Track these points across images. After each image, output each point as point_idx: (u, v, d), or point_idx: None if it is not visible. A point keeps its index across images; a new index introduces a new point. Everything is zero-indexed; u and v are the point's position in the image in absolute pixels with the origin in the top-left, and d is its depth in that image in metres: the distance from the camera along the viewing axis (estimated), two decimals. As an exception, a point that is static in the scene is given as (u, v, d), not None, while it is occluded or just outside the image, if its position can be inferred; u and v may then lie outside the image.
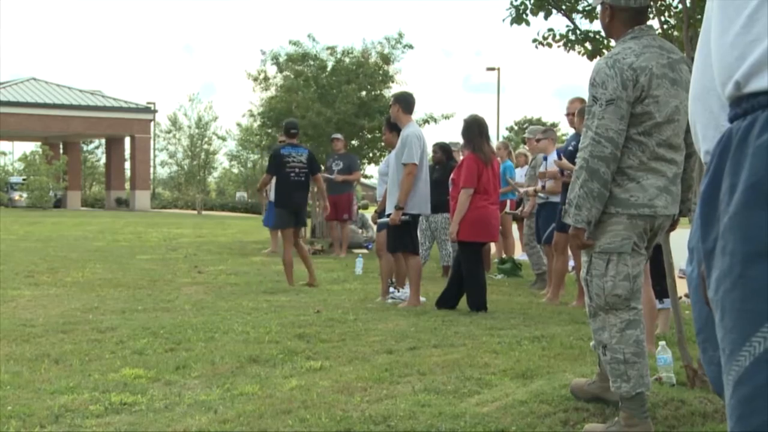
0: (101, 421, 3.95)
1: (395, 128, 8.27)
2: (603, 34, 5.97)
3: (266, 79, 18.17)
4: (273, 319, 6.86)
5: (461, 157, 9.88)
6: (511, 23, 9.68)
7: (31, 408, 4.09)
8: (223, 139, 46.16)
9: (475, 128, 7.79)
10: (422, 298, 8.06)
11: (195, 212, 39.88)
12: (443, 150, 10.80)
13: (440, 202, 9.90)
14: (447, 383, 4.61)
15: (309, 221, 18.04)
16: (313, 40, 17.57)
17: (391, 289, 8.27)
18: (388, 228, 7.95)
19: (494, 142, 9.93)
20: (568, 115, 7.94)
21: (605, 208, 3.65)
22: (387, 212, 8.01)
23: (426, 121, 17.48)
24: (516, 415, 3.94)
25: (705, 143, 1.70)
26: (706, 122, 1.72)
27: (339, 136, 14.34)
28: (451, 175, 8.05)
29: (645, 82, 3.60)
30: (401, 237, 7.89)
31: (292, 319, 6.91)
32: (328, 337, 6.12)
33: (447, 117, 17.81)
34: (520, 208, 10.63)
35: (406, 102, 8.11)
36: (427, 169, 8.04)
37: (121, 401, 4.26)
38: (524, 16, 10.01)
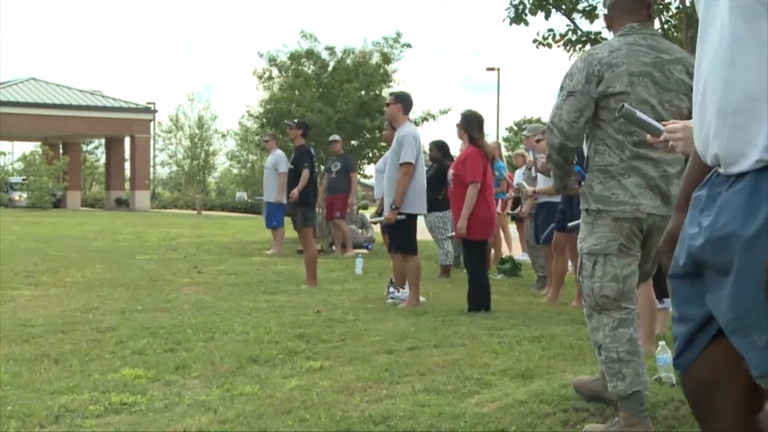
0: (101, 421, 3.95)
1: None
2: (603, 34, 5.98)
3: (270, 78, 18.16)
4: (273, 319, 6.86)
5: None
6: (511, 23, 9.60)
7: (30, 408, 4.09)
8: (224, 136, 46.11)
9: (475, 123, 7.75)
10: (422, 298, 8.05)
11: (195, 212, 39.87)
12: (439, 148, 10.79)
13: (435, 201, 9.90)
14: (447, 383, 4.61)
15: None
16: (315, 39, 17.58)
17: (391, 289, 8.27)
18: (387, 228, 7.95)
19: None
20: None
21: (589, 205, 3.68)
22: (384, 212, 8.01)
23: (425, 119, 17.52)
24: (516, 415, 3.94)
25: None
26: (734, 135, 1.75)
27: (337, 137, 14.35)
28: (451, 170, 7.88)
29: (612, 78, 3.58)
30: (399, 237, 7.88)
31: (292, 319, 6.91)
32: (328, 337, 6.12)
33: (444, 112, 17.83)
34: (519, 208, 10.62)
35: (407, 102, 8.09)
36: (423, 169, 8.01)
37: (120, 401, 4.26)
38: (523, 15, 9.92)
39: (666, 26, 10.62)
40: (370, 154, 17.44)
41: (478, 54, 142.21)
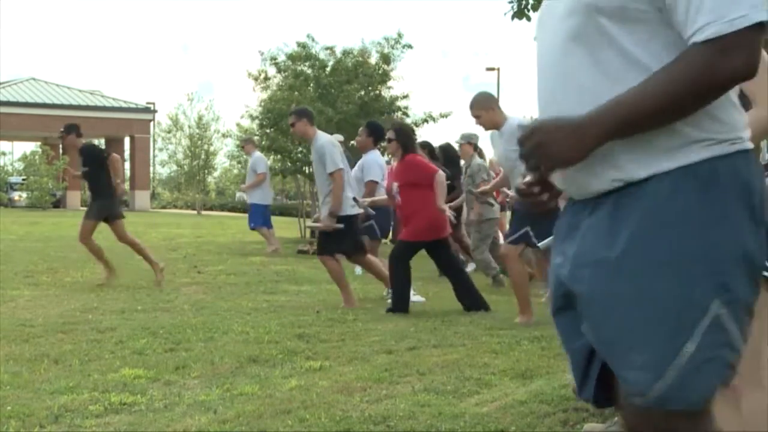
0: (101, 421, 3.95)
1: (375, 133, 8.20)
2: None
3: (266, 78, 18.18)
4: (273, 319, 6.86)
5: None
6: (512, 18, 9.60)
7: (30, 408, 4.09)
8: (225, 136, 46.02)
9: (411, 133, 7.98)
10: (422, 299, 8.07)
11: (194, 212, 39.88)
12: (424, 149, 10.80)
13: None
14: (447, 383, 4.61)
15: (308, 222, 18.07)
16: (312, 40, 17.59)
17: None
18: (319, 233, 7.85)
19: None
20: None
21: None
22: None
23: (425, 120, 17.55)
24: (516, 415, 3.94)
25: None
26: None
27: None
28: (395, 183, 7.78)
29: None
30: (331, 241, 7.76)
31: (291, 319, 6.91)
32: (327, 337, 6.12)
33: (445, 116, 17.86)
34: (463, 215, 10.50)
35: (310, 114, 8.09)
36: (349, 170, 8.01)
37: (120, 401, 4.25)
38: (525, 11, 9.93)
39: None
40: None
41: (478, 54, 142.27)
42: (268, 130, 17.65)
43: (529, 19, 10.52)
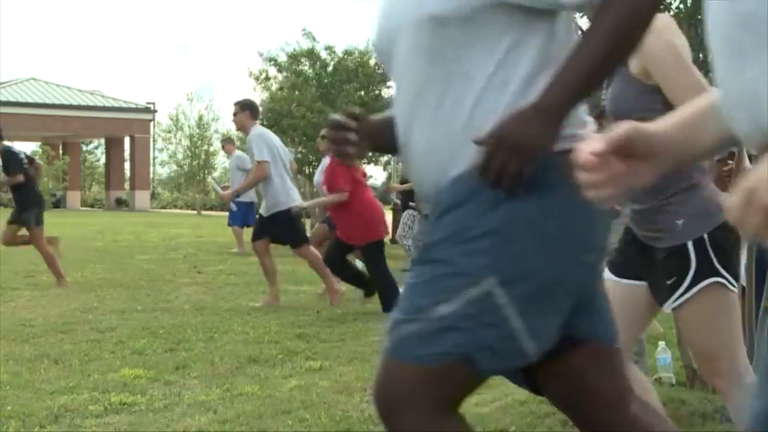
0: (101, 421, 3.95)
1: None
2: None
3: (267, 78, 18.20)
4: (272, 319, 6.86)
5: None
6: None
7: (30, 408, 4.09)
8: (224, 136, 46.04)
9: None
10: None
11: (194, 212, 39.86)
12: None
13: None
14: (447, 383, 4.60)
15: (309, 222, 18.06)
16: (313, 39, 17.61)
17: None
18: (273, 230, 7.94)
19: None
20: None
21: None
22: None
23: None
24: (516, 415, 3.94)
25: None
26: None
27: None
28: (323, 186, 7.87)
29: None
30: (287, 234, 7.93)
31: (291, 319, 6.91)
32: (327, 337, 6.12)
33: None
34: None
35: (254, 109, 8.21)
36: (282, 162, 8.02)
37: (120, 401, 4.25)
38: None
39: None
40: (370, 154, 17.46)
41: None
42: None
43: None
